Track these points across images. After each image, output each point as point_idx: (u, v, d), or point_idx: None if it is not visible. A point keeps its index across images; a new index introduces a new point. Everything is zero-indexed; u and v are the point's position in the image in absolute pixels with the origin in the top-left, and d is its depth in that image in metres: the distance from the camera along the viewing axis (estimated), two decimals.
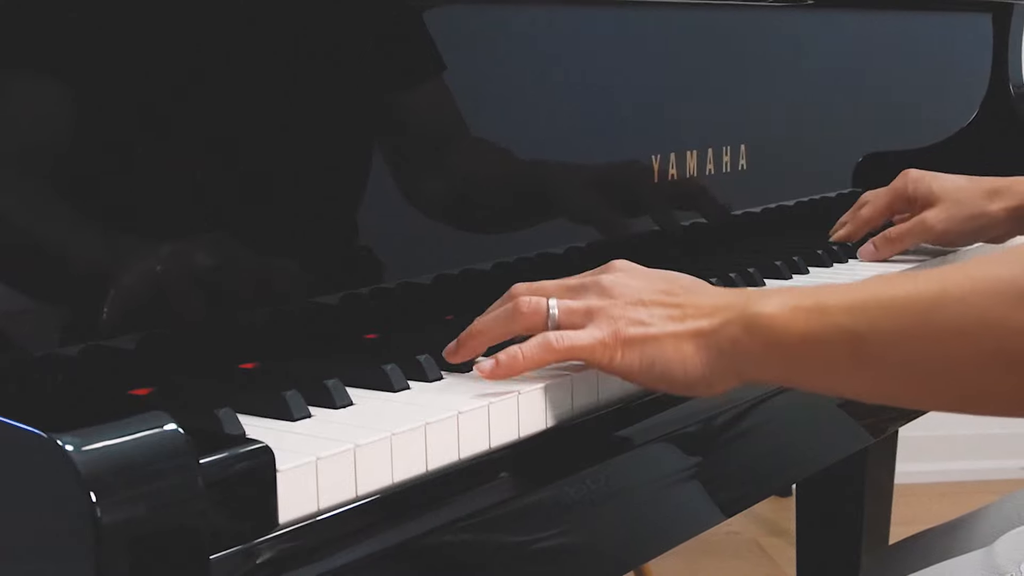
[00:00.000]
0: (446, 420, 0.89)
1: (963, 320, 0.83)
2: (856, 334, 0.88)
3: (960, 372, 0.85)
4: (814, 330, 0.89)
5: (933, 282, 0.86)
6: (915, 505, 2.95)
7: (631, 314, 0.97)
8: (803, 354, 0.91)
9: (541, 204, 1.33)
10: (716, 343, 0.94)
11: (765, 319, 0.91)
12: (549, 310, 0.98)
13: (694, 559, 2.81)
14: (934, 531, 1.38)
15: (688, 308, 0.96)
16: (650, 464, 1.04)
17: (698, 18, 1.52)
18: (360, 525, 0.82)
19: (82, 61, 0.96)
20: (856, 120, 1.81)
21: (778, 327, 0.91)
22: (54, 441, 0.67)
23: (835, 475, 1.95)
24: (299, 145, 1.10)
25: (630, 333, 0.96)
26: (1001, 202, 1.48)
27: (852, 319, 0.88)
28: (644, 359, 0.95)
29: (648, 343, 0.95)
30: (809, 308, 0.90)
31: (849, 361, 0.89)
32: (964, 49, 2.04)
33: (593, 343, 0.96)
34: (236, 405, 0.86)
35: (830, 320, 0.89)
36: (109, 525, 0.66)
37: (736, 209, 1.57)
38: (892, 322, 0.86)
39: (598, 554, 1.01)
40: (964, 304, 0.83)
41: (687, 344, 0.95)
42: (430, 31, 1.20)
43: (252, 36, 1.07)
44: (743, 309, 0.93)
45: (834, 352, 0.89)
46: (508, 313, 1.00)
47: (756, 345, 0.92)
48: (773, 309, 0.91)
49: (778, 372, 0.94)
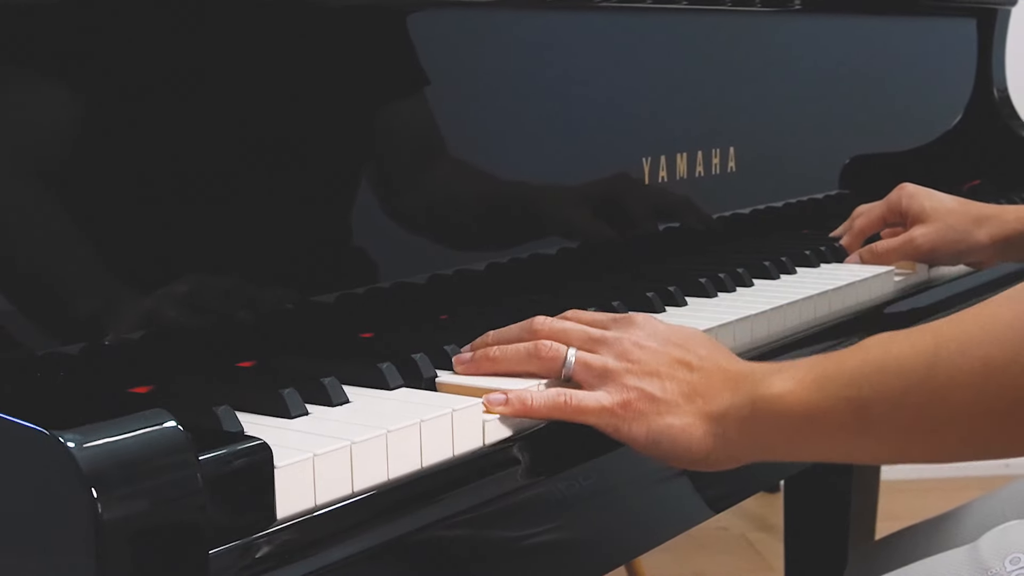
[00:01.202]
0: (440, 418, 0.89)
1: (966, 369, 0.83)
2: (859, 401, 0.88)
3: (963, 421, 0.85)
4: (818, 403, 0.90)
5: (930, 336, 0.87)
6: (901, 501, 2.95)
7: (644, 386, 0.96)
8: (809, 427, 0.91)
9: (533, 206, 1.33)
10: (724, 427, 0.94)
11: (773, 400, 0.92)
12: (567, 360, 0.99)
13: (684, 554, 2.81)
14: (920, 527, 1.38)
15: (699, 385, 0.97)
16: (641, 461, 1.04)
17: (688, 23, 1.52)
18: (356, 520, 0.82)
19: (84, 65, 0.96)
20: (843, 123, 1.81)
21: (785, 405, 0.91)
22: (56, 438, 0.67)
23: (822, 472, 1.95)
24: (296, 149, 1.10)
25: (640, 407, 0.96)
26: (987, 229, 1.49)
27: (855, 388, 0.89)
28: (650, 434, 0.95)
29: (656, 419, 0.95)
30: (812, 382, 0.91)
31: (854, 428, 0.89)
32: (949, 53, 2.05)
33: (601, 410, 0.96)
34: (234, 403, 0.86)
35: (832, 391, 0.90)
36: (110, 520, 0.66)
37: (725, 210, 1.58)
38: (893, 385, 0.87)
39: (590, 549, 1.01)
40: (965, 355, 0.84)
41: (696, 426, 0.95)
42: (423, 37, 1.20)
43: (251, 43, 1.07)
44: (751, 391, 0.94)
45: (839, 421, 0.90)
46: (528, 352, 1.00)
47: (766, 423, 0.93)
48: (779, 389, 0.92)
49: (784, 449, 0.94)
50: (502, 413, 0.95)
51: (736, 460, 0.96)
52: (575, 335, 1.01)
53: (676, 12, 1.49)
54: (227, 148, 1.05)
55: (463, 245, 1.25)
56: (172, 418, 0.71)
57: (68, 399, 0.81)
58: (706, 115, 1.55)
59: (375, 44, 1.17)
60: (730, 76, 1.60)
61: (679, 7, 1.48)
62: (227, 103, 1.05)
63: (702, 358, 0.99)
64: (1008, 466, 3.31)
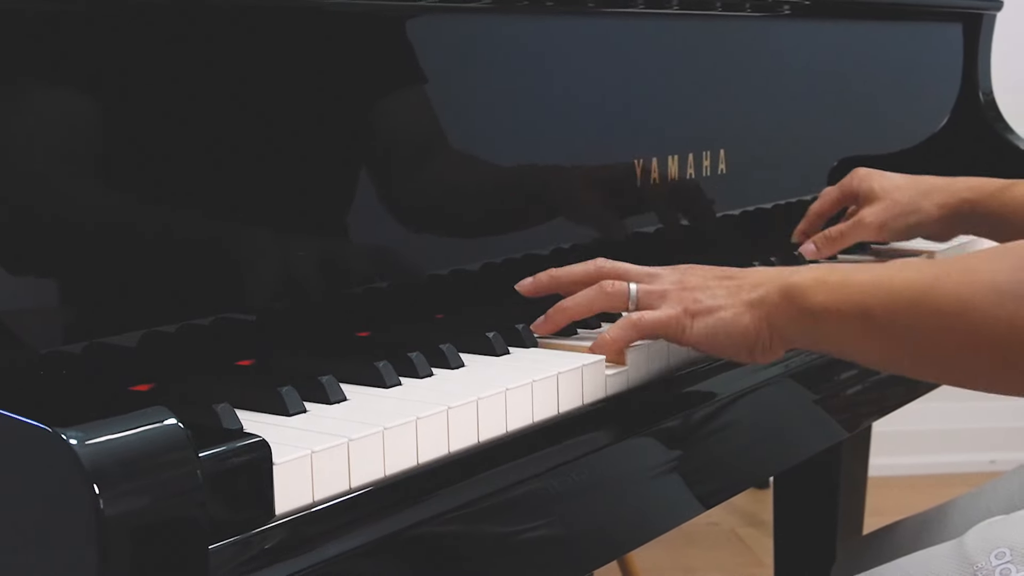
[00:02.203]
0: (436, 415, 0.90)
1: (945, 307, 0.95)
2: (867, 308, 1.00)
3: (943, 349, 0.97)
4: (834, 302, 1.02)
5: (932, 271, 0.98)
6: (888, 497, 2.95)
7: (697, 295, 1.09)
8: (824, 320, 1.03)
9: (527, 207, 1.34)
10: (763, 312, 1.06)
11: (797, 289, 1.04)
12: (631, 292, 1.10)
13: (675, 549, 2.81)
14: (907, 522, 1.38)
15: (742, 283, 1.08)
16: (633, 457, 1.04)
17: (679, 27, 1.52)
18: (353, 516, 0.82)
19: (86, 65, 0.96)
20: (832, 125, 1.82)
21: (807, 296, 1.03)
22: (59, 435, 0.67)
23: (811, 468, 1.95)
24: (294, 151, 1.10)
25: (697, 308, 1.08)
26: (935, 199, 1.50)
27: (865, 296, 1.00)
28: (709, 329, 1.07)
29: (711, 314, 1.07)
30: (833, 283, 1.03)
31: (859, 330, 1.01)
32: (936, 57, 2.05)
33: (668, 319, 1.07)
34: (234, 401, 0.86)
35: (847, 295, 1.01)
36: (112, 516, 0.66)
37: (716, 211, 1.58)
38: (893, 301, 0.99)
39: (583, 543, 1.01)
40: (949, 294, 0.95)
41: (743, 315, 1.06)
42: (419, 41, 1.20)
43: (254, 48, 1.07)
44: (782, 280, 1.06)
45: (847, 321, 1.01)
46: (595, 292, 1.11)
47: (791, 311, 1.04)
48: (802, 280, 1.04)
49: (809, 338, 1.06)
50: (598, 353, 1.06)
51: (781, 343, 1.07)
52: (634, 271, 1.13)
53: (667, 17, 1.49)
54: (228, 150, 1.05)
55: (458, 246, 1.25)
56: (172, 416, 0.71)
57: (70, 397, 0.81)
58: (697, 118, 1.55)
59: (374, 48, 1.17)
60: (721, 80, 1.60)
61: (670, 12, 1.48)
62: (228, 105, 1.05)
63: (743, 271, 1.11)
64: (994, 463, 3.31)
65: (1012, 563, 0.94)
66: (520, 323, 1.12)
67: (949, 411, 3.33)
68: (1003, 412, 3.36)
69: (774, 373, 1.22)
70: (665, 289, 1.10)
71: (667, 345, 1.11)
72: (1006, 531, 0.97)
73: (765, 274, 1.09)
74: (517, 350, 1.09)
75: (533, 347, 1.11)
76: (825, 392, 1.32)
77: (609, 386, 1.05)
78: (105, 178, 0.98)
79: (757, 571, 2.74)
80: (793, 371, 1.25)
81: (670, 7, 1.48)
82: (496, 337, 1.08)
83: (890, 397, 1.49)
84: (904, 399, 1.53)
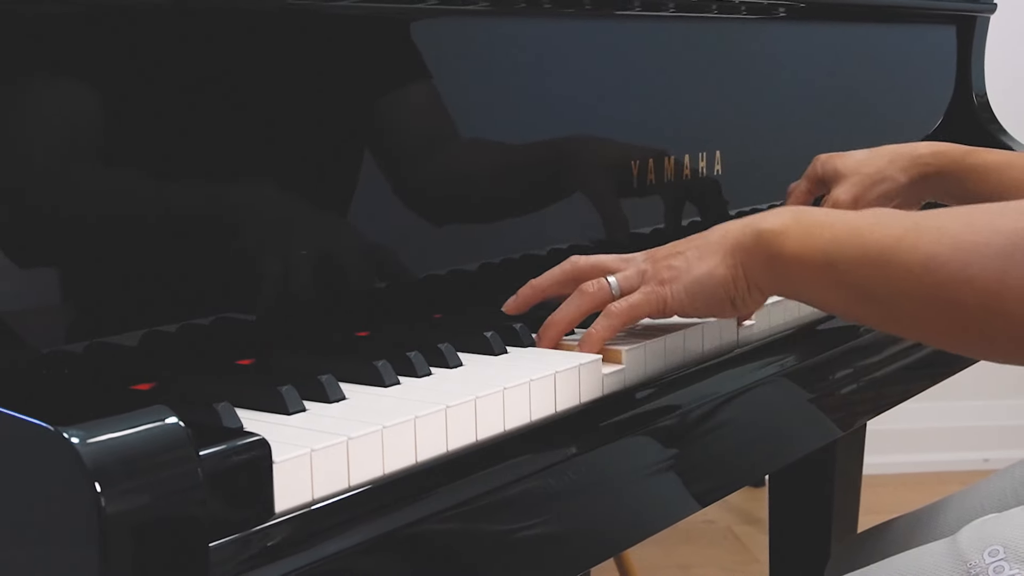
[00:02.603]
0: (434, 414, 0.90)
1: (911, 263, 0.93)
2: (830, 258, 0.99)
3: (907, 304, 0.94)
4: (802, 248, 1.01)
5: (901, 224, 0.95)
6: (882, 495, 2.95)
7: (672, 261, 1.09)
8: (794, 268, 1.02)
9: (523, 208, 1.34)
10: (736, 259, 1.05)
11: (768, 234, 1.03)
12: (612, 285, 1.10)
13: (671, 546, 2.82)
14: (901, 520, 1.38)
15: (710, 238, 1.08)
16: (629, 456, 1.04)
17: (675, 30, 1.52)
18: (352, 514, 0.82)
19: (89, 65, 0.96)
20: (827, 127, 1.82)
21: (776, 242, 1.02)
22: (60, 434, 0.67)
23: (806, 466, 1.96)
24: (295, 152, 1.10)
25: (672, 274, 1.08)
26: (900, 164, 1.49)
27: (832, 245, 0.99)
28: (687, 289, 1.07)
29: (686, 274, 1.07)
30: (805, 226, 1.02)
31: (827, 279, 0.99)
32: (930, 59, 2.05)
33: (646, 298, 1.08)
34: (234, 400, 0.86)
35: (816, 242, 1.00)
36: (113, 514, 0.66)
37: (712, 212, 1.58)
38: (858, 253, 0.97)
39: (579, 541, 1.01)
40: (915, 249, 0.92)
41: (718, 266, 1.06)
42: (417, 41, 1.20)
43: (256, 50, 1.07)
44: (756, 224, 1.05)
45: (814, 270, 1.00)
46: (578, 299, 1.10)
47: (762, 255, 1.04)
48: (777, 226, 1.03)
49: (780, 285, 1.05)
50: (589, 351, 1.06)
51: (760, 290, 1.07)
52: (610, 262, 1.12)
53: (664, 19, 1.49)
54: (229, 150, 1.05)
55: (456, 247, 1.26)
56: (173, 414, 0.71)
57: (72, 396, 0.81)
58: (693, 119, 1.56)
59: (373, 51, 1.17)
60: (717, 81, 1.60)
61: (667, 15, 1.49)
62: (230, 106, 1.06)
63: (714, 229, 1.10)
64: (987, 462, 3.32)
65: (1006, 560, 0.94)
66: (518, 323, 1.12)
67: (943, 410, 3.33)
68: (997, 411, 3.36)
69: (769, 372, 1.22)
70: (640, 268, 1.10)
71: (663, 344, 1.11)
72: (999, 529, 0.97)
73: (734, 223, 1.08)
74: (515, 349, 1.09)
75: (531, 346, 1.11)
76: (820, 391, 1.32)
77: (606, 385, 1.05)
78: (107, 179, 0.98)
79: (753, 568, 2.74)
80: (788, 371, 1.25)
81: (666, 9, 1.48)
82: (494, 336, 1.08)
83: (884, 396, 1.49)
84: (898, 398, 1.53)
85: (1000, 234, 0.87)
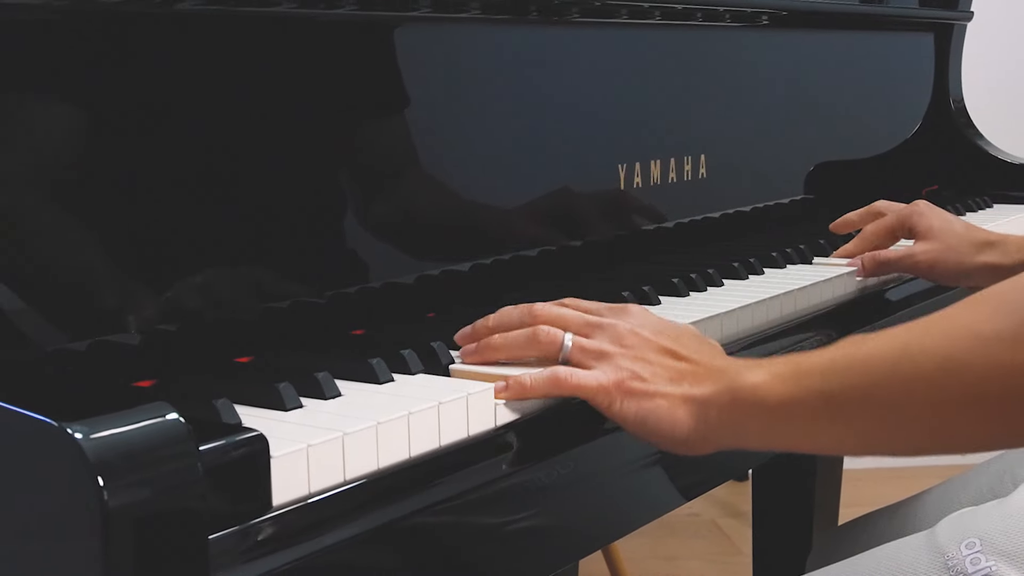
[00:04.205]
0: (427, 410, 0.90)
1: (927, 367, 0.84)
2: (829, 393, 0.89)
3: (929, 416, 0.86)
4: (792, 393, 0.91)
5: (898, 337, 0.87)
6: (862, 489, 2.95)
7: (637, 368, 0.98)
8: (784, 417, 0.92)
9: (515, 210, 1.34)
10: (704, 411, 0.95)
11: (749, 390, 0.93)
12: (564, 344, 1.01)
13: (658, 539, 2.82)
14: (880, 513, 1.38)
15: (686, 372, 0.98)
16: (616, 451, 1.04)
17: (661, 38, 1.52)
18: (348, 507, 0.82)
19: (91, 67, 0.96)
20: (808, 131, 1.82)
21: (760, 395, 0.92)
22: (65, 429, 0.67)
23: (788, 461, 1.96)
24: (291, 156, 1.10)
25: (632, 387, 0.97)
26: (988, 256, 1.44)
27: (825, 380, 0.90)
28: (639, 412, 0.96)
29: (645, 399, 0.97)
30: (787, 374, 0.92)
31: (824, 418, 0.90)
32: (908, 66, 2.06)
33: (597, 387, 0.97)
34: (233, 396, 0.86)
35: (805, 383, 0.91)
36: (116, 507, 0.67)
37: (696, 214, 1.58)
38: (861, 378, 0.88)
39: (568, 534, 1.02)
40: (927, 354, 0.85)
41: (679, 408, 0.96)
42: (408, 49, 1.20)
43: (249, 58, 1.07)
44: (731, 381, 0.95)
45: (810, 411, 0.91)
46: (527, 338, 1.02)
47: (742, 412, 0.94)
48: (756, 380, 0.93)
49: (759, 437, 0.95)
50: (507, 398, 0.96)
51: (714, 445, 0.97)
52: (572, 320, 1.03)
53: (650, 27, 1.49)
54: (227, 155, 1.05)
55: (449, 247, 1.26)
56: (174, 411, 0.71)
57: (76, 393, 0.81)
58: (678, 124, 1.56)
59: (364, 57, 1.17)
60: (701, 87, 1.60)
61: (653, 23, 1.49)
62: (227, 111, 1.05)
63: (690, 350, 1.00)
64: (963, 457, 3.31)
65: (982, 553, 0.94)
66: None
67: None
68: None
69: None
70: (602, 349, 1.00)
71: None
72: (976, 522, 0.97)
73: (715, 365, 0.98)
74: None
75: None
76: None
77: None
78: (110, 183, 0.98)
79: (736, 560, 2.75)
80: None
81: (652, 17, 1.48)
82: None
83: None
84: None
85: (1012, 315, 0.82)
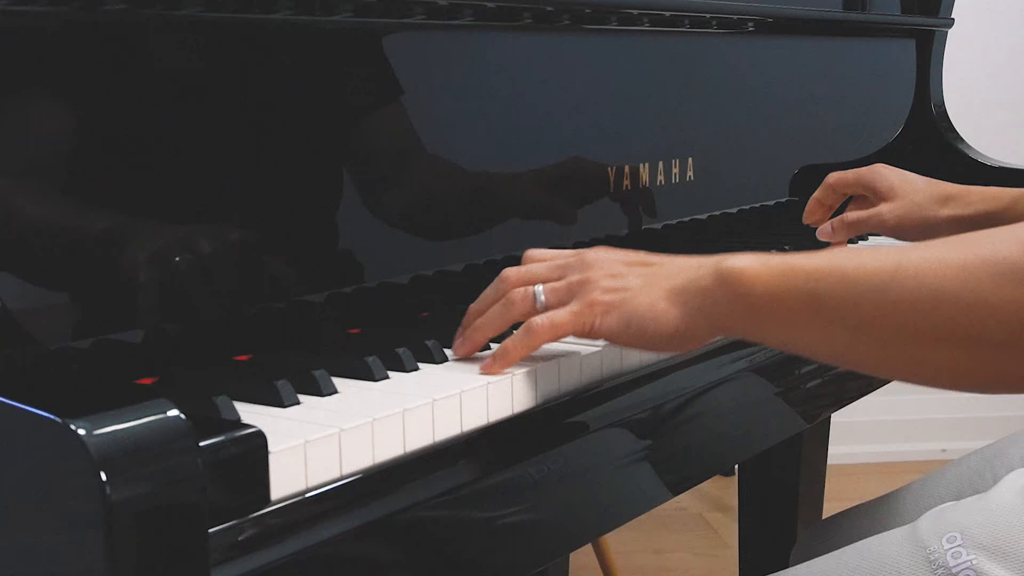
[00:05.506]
0: (422, 407, 0.90)
1: (917, 294, 0.82)
2: (815, 296, 0.87)
3: (911, 343, 0.84)
4: (778, 287, 0.89)
5: (891, 258, 0.85)
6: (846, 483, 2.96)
7: (607, 283, 0.97)
8: (767, 309, 0.90)
9: (507, 212, 1.34)
10: (688, 296, 0.94)
11: (735, 272, 0.91)
12: (537, 296, 0.99)
13: (647, 532, 2.82)
14: (863, 507, 1.39)
15: (660, 269, 0.97)
16: (605, 447, 1.04)
17: (650, 43, 1.52)
18: (344, 501, 0.82)
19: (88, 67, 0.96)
20: (793, 135, 1.82)
21: (746, 280, 0.90)
22: (68, 425, 0.67)
23: (774, 456, 1.96)
24: (289, 157, 1.10)
25: (605, 299, 0.96)
26: (950, 209, 1.44)
27: (813, 283, 0.87)
28: (621, 320, 0.95)
29: (622, 305, 0.95)
30: (776, 268, 0.89)
31: (807, 320, 0.88)
32: (890, 71, 2.06)
33: (572, 317, 0.96)
34: (232, 393, 0.86)
35: (793, 281, 0.88)
36: (118, 502, 0.66)
37: (684, 216, 1.58)
38: (849, 290, 0.85)
39: (559, 527, 1.02)
40: (918, 280, 0.82)
41: (660, 301, 0.94)
42: (405, 54, 1.20)
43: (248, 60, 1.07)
44: (716, 264, 0.93)
45: (794, 310, 0.88)
46: (503, 306, 1.00)
47: (726, 295, 0.91)
48: (743, 264, 0.91)
49: (745, 325, 0.93)
50: (496, 371, 0.96)
51: (700, 335, 0.95)
52: (539, 272, 1.01)
53: (639, 33, 1.49)
54: (226, 158, 1.05)
55: (442, 248, 1.26)
56: (175, 407, 0.71)
57: (79, 390, 0.81)
58: (667, 128, 1.56)
59: (359, 63, 1.17)
60: (689, 92, 1.60)
61: (643, 29, 1.49)
62: (224, 113, 1.05)
63: (660, 257, 0.99)
64: (944, 452, 3.33)
65: (963, 546, 0.94)
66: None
67: (903, 403, 3.34)
68: (953, 404, 3.37)
69: (738, 368, 1.22)
70: (571, 282, 0.98)
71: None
72: (957, 516, 0.97)
73: (689, 259, 0.96)
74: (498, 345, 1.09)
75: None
76: (786, 386, 1.33)
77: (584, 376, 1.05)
78: (111, 183, 0.98)
79: (723, 552, 2.75)
80: (756, 366, 1.25)
81: (641, 24, 1.48)
82: None
83: (848, 390, 1.50)
84: (861, 392, 1.54)
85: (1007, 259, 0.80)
